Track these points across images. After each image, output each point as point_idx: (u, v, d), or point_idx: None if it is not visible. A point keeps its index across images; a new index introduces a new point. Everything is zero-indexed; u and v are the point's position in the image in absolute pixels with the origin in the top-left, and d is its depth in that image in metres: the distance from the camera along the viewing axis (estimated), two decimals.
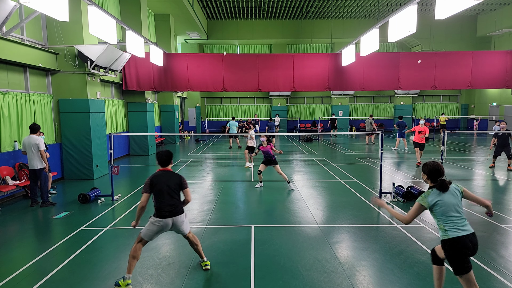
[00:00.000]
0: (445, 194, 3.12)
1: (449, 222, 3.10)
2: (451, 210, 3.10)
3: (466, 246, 3.03)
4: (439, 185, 3.13)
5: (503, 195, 8.06)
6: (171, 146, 18.78)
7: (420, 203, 3.19)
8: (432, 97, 27.87)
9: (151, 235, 4.07)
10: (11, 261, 4.79)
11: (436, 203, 3.12)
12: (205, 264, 4.41)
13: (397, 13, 7.94)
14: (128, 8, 13.74)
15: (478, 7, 21.24)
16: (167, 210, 4.02)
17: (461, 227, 3.07)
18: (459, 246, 3.03)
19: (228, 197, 8.02)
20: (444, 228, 3.14)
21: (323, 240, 5.34)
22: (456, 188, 3.20)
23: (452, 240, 3.05)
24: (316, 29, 24.42)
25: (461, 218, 3.11)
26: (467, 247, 3.03)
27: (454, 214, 3.09)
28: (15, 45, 7.92)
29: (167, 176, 4.17)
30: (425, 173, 3.28)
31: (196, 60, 13.90)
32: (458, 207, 3.12)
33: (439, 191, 3.14)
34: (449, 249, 3.08)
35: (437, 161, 3.25)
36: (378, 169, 8.92)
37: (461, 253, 3.03)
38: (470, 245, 3.04)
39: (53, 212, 6.89)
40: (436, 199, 3.13)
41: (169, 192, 4.06)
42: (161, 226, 4.02)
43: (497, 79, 13.60)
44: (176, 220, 4.07)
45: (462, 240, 3.03)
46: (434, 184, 3.19)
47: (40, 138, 7.21)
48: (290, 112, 27.78)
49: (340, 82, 13.83)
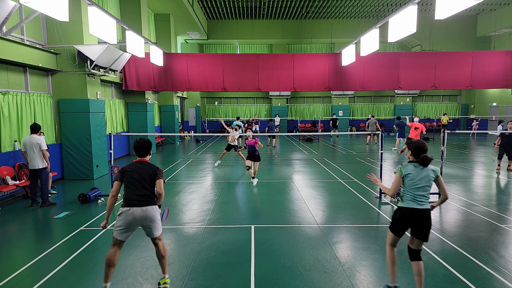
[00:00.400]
0: (421, 170, 3.45)
1: (411, 193, 3.47)
2: (417, 184, 3.44)
3: (410, 217, 3.46)
4: (421, 160, 3.44)
5: (503, 195, 8.06)
6: (171, 146, 18.78)
7: (398, 173, 3.55)
8: (432, 97, 27.88)
9: (121, 231, 3.65)
10: (11, 261, 4.79)
11: (407, 174, 3.48)
12: (164, 282, 3.90)
13: (397, 13, 7.94)
14: (128, 8, 13.75)
15: (478, 7, 21.24)
16: (135, 199, 3.66)
17: (416, 202, 3.44)
18: (405, 214, 3.49)
19: (228, 197, 8.02)
20: (403, 197, 3.55)
21: (323, 240, 5.34)
22: (433, 170, 3.48)
23: (404, 208, 3.50)
24: (316, 29, 24.42)
25: (422, 195, 3.44)
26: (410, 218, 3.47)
27: (418, 190, 3.44)
28: (15, 45, 7.92)
29: (141, 166, 3.81)
30: (410, 149, 3.56)
31: (196, 60, 13.90)
32: (426, 184, 3.44)
33: (418, 166, 3.47)
34: (398, 213, 3.54)
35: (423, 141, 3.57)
36: (378, 169, 8.93)
37: (403, 220, 3.51)
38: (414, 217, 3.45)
39: (53, 212, 6.89)
40: (409, 171, 3.48)
41: (140, 181, 3.70)
42: (129, 217, 3.61)
43: (497, 79, 13.59)
44: (146, 211, 3.65)
45: (410, 211, 3.45)
46: (416, 159, 3.51)
47: (42, 138, 7.22)
48: (290, 112, 27.79)
49: (340, 82, 13.83)
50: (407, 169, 3.49)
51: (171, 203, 7.46)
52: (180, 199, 7.83)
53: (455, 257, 4.69)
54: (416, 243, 3.53)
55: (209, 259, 4.69)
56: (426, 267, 4.37)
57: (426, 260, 4.57)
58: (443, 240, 5.29)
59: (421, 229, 3.46)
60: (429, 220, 3.45)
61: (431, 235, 5.44)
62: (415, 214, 3.43)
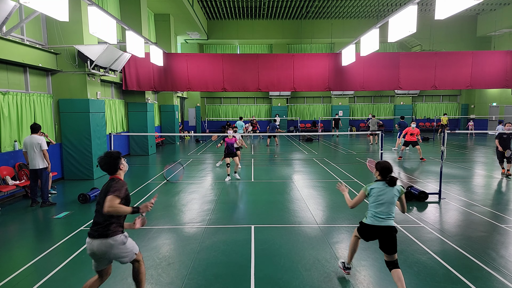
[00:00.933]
0: (386, 189, 3.59)
1: (372, 210, 3.63)
2: (380, 202, 3.58)
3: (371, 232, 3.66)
4: (389, 181, 3.58)
5: (503, 195, 8.06)
6: (171, 146, 18.78)
7: (363, 190, 3.73)
8: (432, 97, 27.88)
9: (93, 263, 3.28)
10: (11, 261, 4.80)
11: (371, 192, 3.64)
12: None
13: (397, 13, 7.94)
14: (128, 8, 13.75)
15: (478, 7, 21.24)
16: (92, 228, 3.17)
17: (376, 220, 3.59)
18: (367, 230, 3.69)
19: (228, 197, 8.02)
20: (367, 213, 3.72)
21: (323, 240, 5.34)
22: (398, 190, 3.61)
23: (364, 224, 3.70)
24: (316, 29, 24.41)
25: (385, 212, 3.57)
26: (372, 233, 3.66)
27: (380, 207, 3.58)
28: (15, 45, 7.92)
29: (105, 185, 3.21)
30: (377, 170, 3.69)
31: (196, 60, 13.90)
32: (389, 203, 3.56)
33: (385, 185, 3.61)
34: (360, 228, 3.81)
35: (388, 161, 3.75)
36: None
37: (366, 233, 3.74)
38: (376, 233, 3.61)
39: (53, 212, 6.89)
40: (374, 189, 3.64)
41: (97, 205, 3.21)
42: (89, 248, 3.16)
43: (497, 79, 13.59)
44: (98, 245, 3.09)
45: (371, 228, 3.63)
46: (383, 179, 3.64)
47: (42, 138, 7.24)
48: (290, 112, 27.78)
49: (340, 82, 13.83)
50: (372, 188, 3.65)
51: (171, 203, 7.46)
52: (180, 199, 7.83)
53: (455, 257, 4.69)
54: (387, 256, 3.63)
55: (209, 259, 4.69)
56: (426, 267, 4.38)
57: (426, 260, 4.58)
58: (443, 240, 5.29)
59: (385, 242, 3.58)
60: (390, 235, 3.55)
61: (431, 235, 5.47)
62: (375, 231, 3.61)
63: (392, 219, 3.60)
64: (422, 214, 6.60)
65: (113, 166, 3.25)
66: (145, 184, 9.32)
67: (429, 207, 7.06)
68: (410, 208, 6.96)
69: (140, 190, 8.62)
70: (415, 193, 7.44)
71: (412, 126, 13.25)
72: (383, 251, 3.62)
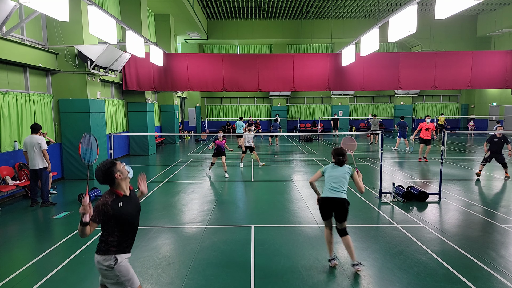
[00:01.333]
0: (337, 168, 4.34)
1: (327, 186, 4.32)
2: (332, 178, 4.30)
3: (327, 204, 4.27)
4: (336, 161, 4.36)
5: (503, 195, 8.06)
6: (171, 146, 18.78)
7: (320, 170, 4.47)
8: (432, 97, 27.87)
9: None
10: (11, 261, 4.80)
11: (325, 171, 4.41)
12: None
13: (397, 13, 7.94)
14: (128, 8, 13.75)
15: (478, 7, 21.24)
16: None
17: (331, 191, 4.25)
18: (324, 202, 4.29)
19: (228, 197, 8.02)
20: (323, 188, 4.37)
21: (323, 240, 5.33)
22: (349, 168, 4.35)
23: (323, 198, 4.32)
24: (316, 29, 24.41)
25: (335, 186, 4.25)
26: (328, 205, 4.27)
27: (332, 182, 4.28)
28: (15, 45, 7.92)
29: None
30: (332, 154, 4.44)
31: (196, 60, 13.90)
32: (339, 179, 4.28)
33: (335, 165, 4.38)
34: (320, 201, 4.35)
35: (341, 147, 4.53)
36: (378, 169, 8.93)
37: (324, 207, 4.31)
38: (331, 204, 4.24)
39: (53, 212, 6.89)
40: (327, 169, 4.41)
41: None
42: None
43: (497, 79, 13.60)
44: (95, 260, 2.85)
45: (327, 199, 4.27)
46: (334, 161, 4.40)
47: (42, 138, 7.24)
48: (290, 112, 27.78)
49: (340, 82, 13.83)
50: (326, 168, 4.44)
51: (171, 203, 7.46)
52: (180, 199, 7.83)
53: (455, 257, 4.69)
54: (339, 224, 4.30)
55: (209, 259, 4.69)
56: (426, 267, 4.38)
57: (426, 260, 4.58)
58: (443, 240, 5.29)
59: (338, 212, 4.24)
60: (343, 206, 4.22)
61: (431, 235, 5.47)
62: (330, 201, 4.24)
63: (344, 193, 4.25)
64: (422, 214, 6.60)
65: (108, 178, 2.79)
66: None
67: (429, 207, 7.06)
68: (410, 208, 6.96)
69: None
70: (415, 193, 7.44)
71: (427, 121, 12.69)
72: (336, 219, 4.28)
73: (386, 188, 8.29)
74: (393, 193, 7.53)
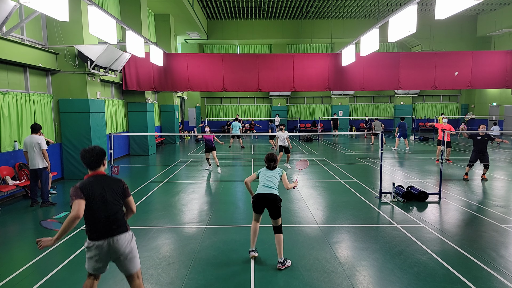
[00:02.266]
0: (268, 171, 4.79)
1: (261, 183, 4.71)
2: (265, 178, 4.72)
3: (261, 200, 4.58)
4: (268, 166, 4.81)
5: (502, 195, 8.06)
6: (171, 146, 18.78)
7: (255, 173, 4.90)
8: (432, 97, 27.86)
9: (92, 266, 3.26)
10: (11, 261, 4.80)
11: (259, 173, 4.84)
12: None
13: (397, 13, 7.94)
14: (128, 8, 13.74)
15: (478, 7, 21.24)
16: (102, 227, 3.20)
17: (263, 189, 4.61)
18: (257, 198, 4.60)
19: (228, 197, 8.01)
20: (258, 186, 4.73)
21: (323, 240, 5.34)
22: (279, 171, 4.80)
23: (256, 195, 4.64)
24: (316, 29, 24.41)
25: (267, 185, 4.63)
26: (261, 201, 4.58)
27: (264, 182, 4.68)
28: (15, 45, 7.92)
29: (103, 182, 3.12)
30: (265, 160, 4.84)
31: (196, 60, 13.90)
32: (272, 178, 4.71)
33: (267, 169, 4.82)
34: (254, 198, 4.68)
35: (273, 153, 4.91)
36: (378, 169, 8.93)
37: (257, 202, 4.62)
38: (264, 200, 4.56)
39: (53, 212, 6.89)
40: (262, 171, 4.84)
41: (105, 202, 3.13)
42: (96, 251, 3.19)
43: (497, 79, 13.59)
44: (117, 241, 3.10)
45: (260, 196, 4.58)
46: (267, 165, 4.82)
47: (42, 138, 7.24)
48: (290, 112, 27.77)
49: (340, 82, 13.83)
50: (260, 171, 4.87)
51: (171, 203, 7.46)
52: (180, 199, 7.83)
53: (455, 257, 4.69)
54: (274, 221, 4.56)
55: (209, 259, 4.69)
56: (426, 267, 4.38)
57: (426, 260, 4.58)
58: (443, 240, 5.29)
59: (270, 209, 4.52)
60: (275, 202, 4.51)
61: (431, 235, 5.47)
62: (263, 197, 4.55)
63: (275, 190, 4.60)
64: (422, 214, 6.60)
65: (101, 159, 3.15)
66: (145, 184, 9.32)
67: (429, 207, 7.06)
68: (410, 208, 6.96)
69: (140, 190, 8.62)
70: (415, 193, 7.44)
71: (444, 122, 11.63)
72: (271, 217, 4.54)
73: (386, 188, 8.30)
74: (393, 193, 7.53)
